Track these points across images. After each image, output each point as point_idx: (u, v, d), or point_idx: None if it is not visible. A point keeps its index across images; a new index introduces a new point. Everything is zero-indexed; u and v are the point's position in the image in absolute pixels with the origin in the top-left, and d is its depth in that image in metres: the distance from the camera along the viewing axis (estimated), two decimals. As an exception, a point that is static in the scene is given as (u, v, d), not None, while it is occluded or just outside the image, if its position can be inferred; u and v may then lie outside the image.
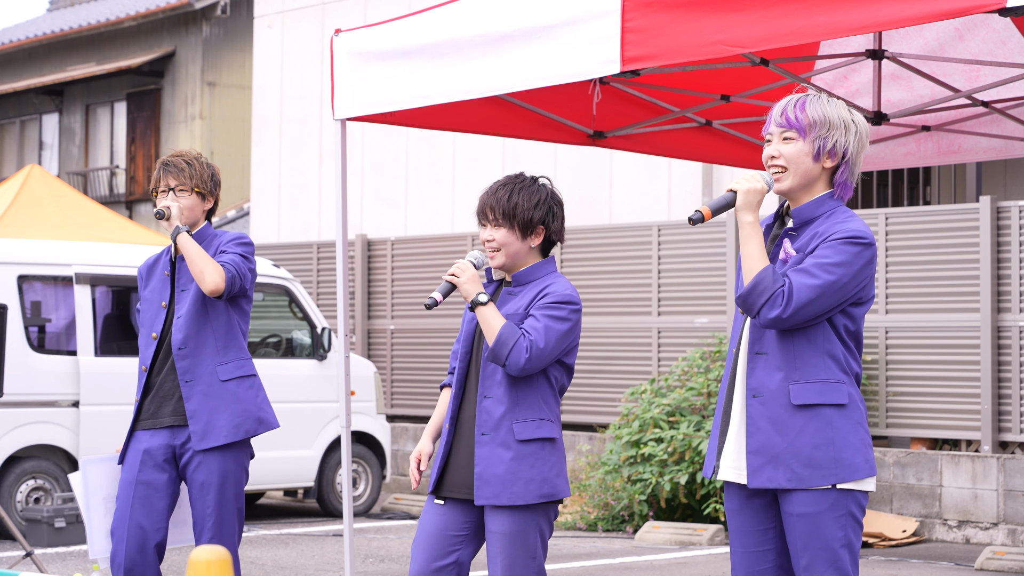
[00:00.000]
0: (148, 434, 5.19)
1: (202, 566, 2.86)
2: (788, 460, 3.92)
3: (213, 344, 5.15)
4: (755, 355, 3.99)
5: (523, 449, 4.43)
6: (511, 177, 4.58)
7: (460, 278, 4.46)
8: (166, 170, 5.29)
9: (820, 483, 3.90)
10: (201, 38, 22.00)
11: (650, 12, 4.63)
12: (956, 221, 10.33)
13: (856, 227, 3.94)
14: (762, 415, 3.95)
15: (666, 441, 10.36)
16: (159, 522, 5.13)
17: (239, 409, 5.14)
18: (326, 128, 15.58)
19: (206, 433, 5.10)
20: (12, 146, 25.37)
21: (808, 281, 3.88)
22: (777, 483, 3.93)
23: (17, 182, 13.12)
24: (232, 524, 5.18)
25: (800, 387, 3.92)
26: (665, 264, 11.72)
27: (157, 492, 5.13)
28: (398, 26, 5.54)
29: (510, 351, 4.36)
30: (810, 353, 3.94)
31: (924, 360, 10.40)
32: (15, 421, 9.80)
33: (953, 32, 6.69)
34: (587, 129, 6.91)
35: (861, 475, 3.93)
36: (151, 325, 5.24)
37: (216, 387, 5.13)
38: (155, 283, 5.30)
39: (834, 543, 3.93)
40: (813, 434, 3.91)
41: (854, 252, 3.91)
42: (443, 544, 4.50)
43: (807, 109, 4.02)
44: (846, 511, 3.94)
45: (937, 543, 10.07)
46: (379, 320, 13.69)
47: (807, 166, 4.01)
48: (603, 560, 9.31)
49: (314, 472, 11.22)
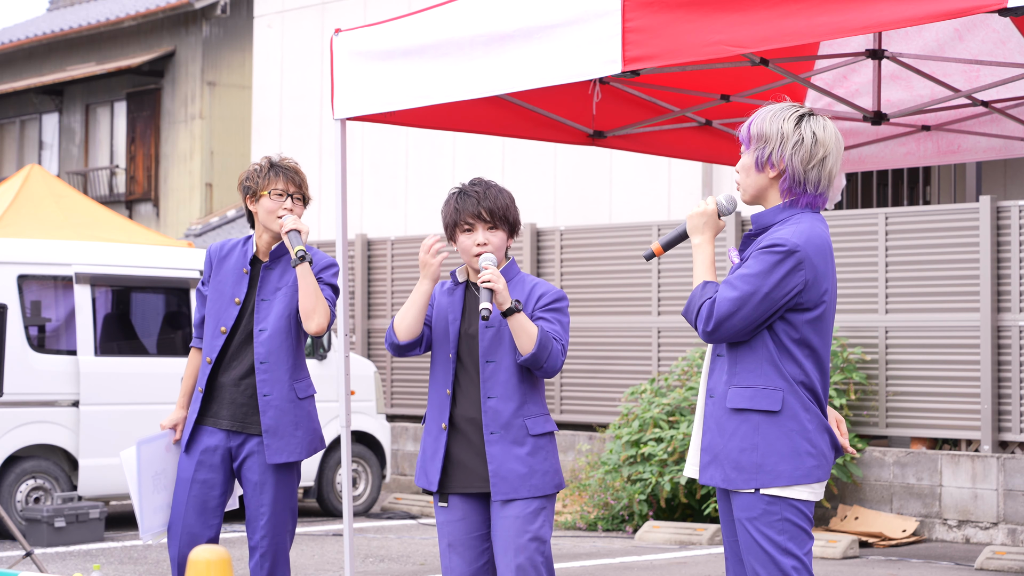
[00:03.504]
0: (209, 431, 5.23)
1: (202, 566, 2.87)
2: (722, 461, 4.03)
3: (291, 362, 5.20)
4: (716, 357, 4.11)
5: (537, 443, 4.57)
6: (479, 182, 4.66)
7: (499, 285, 4.49)
8: (285, 175, 5.23)
9: (743, 486, 3.99)
10: (201, 38, 21.99)
11: (650, 12, 4.63)
12: (956, 221, 10.33)
13: (782, 235, 3.97)
14: (711, 415, 4.07)
15: (666, 441, 10.36)
16: (211, 519, 5.23)
17: (311, 428, 5.23)
18: (326, 128, 15.58)
19: (282, 448, 5.16)
20: (12, 146, 25.36)
21: (728, 294, 3.97)
22: (716, 481, 4.04)
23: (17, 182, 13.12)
24: (285, 524, 5.24)
25: (735, 391, 4.01)
26: (665, 264, 11.72)
27: (211, 491, 5.22)
28: (398, 25, 5.54)
29: (549, 355, 4.49)
30: (749, 359, 4.01)
31: (924, 360, 10.40)
32: (15, 421, 9.80)
33: (953, 32, 6.69)
34: (587, 129, 6.91)
35: (783, 482, 3.95)
36: (219, 317, 5.23)
37: (293, 404, 5.19)
38: (228, 274, 5.27)
39: (770, 548, 3.97)
40: (741, 438, 3.99)
41: (773, 261, 3.94)
42: (474, 546, 4.63)
43: (753, 123, 4.11)
44: (781, 517, 3.97)
45: (937, 543, 10.07)
46: (379, 320, 13.69)
47: (753, 177, 4.10)
48: (603, 560, 9.31)
49: (314, 472, 11.22)
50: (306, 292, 5.11)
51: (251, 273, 5.26)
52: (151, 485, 5.31)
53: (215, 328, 5.24)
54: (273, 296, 5.21)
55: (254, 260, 5.27)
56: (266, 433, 5.15)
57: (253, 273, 5.26)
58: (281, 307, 5.19)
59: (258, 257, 5.27)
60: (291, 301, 5.19)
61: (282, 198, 5.20)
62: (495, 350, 4.54)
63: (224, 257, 5.32)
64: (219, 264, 5.31)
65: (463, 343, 4.61)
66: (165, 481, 5.33)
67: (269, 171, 5.24)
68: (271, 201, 5.20)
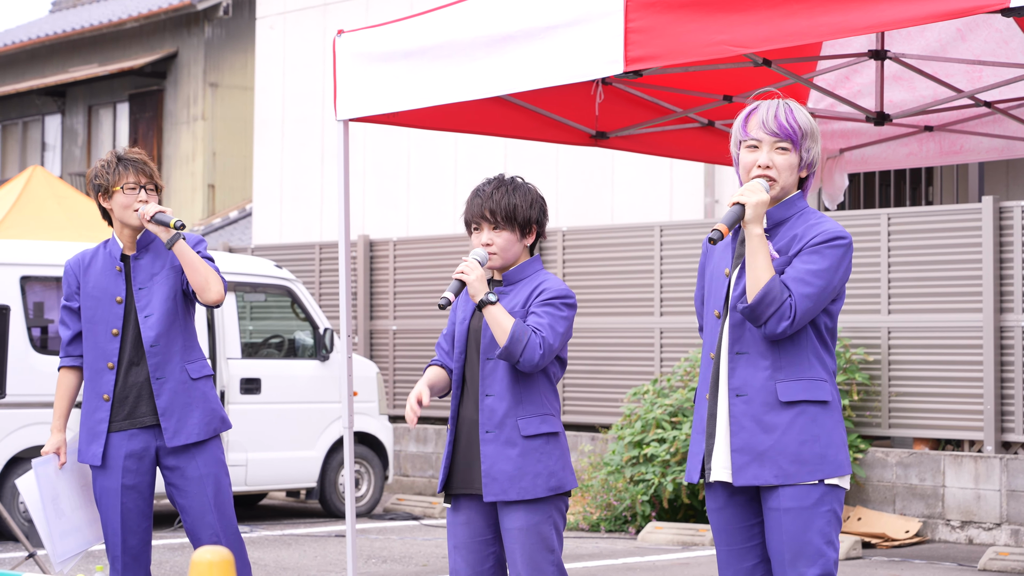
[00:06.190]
0: (125, 436, 5.19)
1: (204, 567, 2.87)
2: (774, 457, 3.97)
3: (181, 343, 5.20)
4: (736, 355, 4.04)
5: (528, 444, 4.48)
6: (499, 179, 4.61)
7: (469, 276, 4.47)
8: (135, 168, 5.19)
9: (807, 478, 3.95)
10: (203, 39, 22.01)
11: (653, 12, 4.63)
12: (958, 221, 10.32)
13: (834, 228, 4.02)
14: (745, 414, 4.00)
15: (668, 442, 10.36)
16: (145, 522, 5.23)
17: (209, 408, 5.21)
18: (328, 129, 15.58)
19: (179, 430, 5.15)
20: (15, 147, 25.37)
21: (805, 291, 3.95)
22: (763, 480, 3.98)
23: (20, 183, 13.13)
24: (232, 515, 5.25)
25: (785, 385, 3.98)
26: (667, 264, 11.71)
27: (142, 495, 5.20)
28: (400, 27, 5.54)
29: (524, 348, 4.40)
30: (793, 351, 4.00)
31: (927, 360, 10.39)
32: (17, 422, 9.79)
33: (955, 32, 6.69)
34: (589, 129, 6.91)
35: (844, 471, 4.00)
36: (106, 321, 5.20)
37: (187, 384, 5.18)
38: (100, 279, 5.24)
39: (819, 539, 3.97)
40: (800, 430, 3.97)
41: (839, 255, 3.99)
42: (479, 550, 4.57)
43: (798, 118, 4.07)
44: (830, 508, 3.99)
45: (940, 543, 10.06)
46: (381, 321, 13.69)
47: (793, 176, 4.09)
48: (606, 561, 9.31)
49: (316, 473, 11.21)
50: (193, 267, 5.10)
51: (124, 268, 5.23)
52: (53, 510, 5.29)
53: (105, 333, 5.21)
54: (150, 283, 5.20)
55: (123, 257, 5.25)
56: (162, 416, 5.14)
57: (125, 268, 5.23)
58: (163, 291, 5.18)
59: (125, 252, 5.25)
60: (172, 283, 5.19)
61: (136, 191, 5.19)
62: (495, 347, 4.52)
63: (88, 266, 5.29)
64: (84, 274, 5.27)
65: (471, 341, 4.59)
66: (63, 506, 5.32)
67: (118, 166, 5.21)
68: (125, 196, 5.19)
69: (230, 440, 10.56)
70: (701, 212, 12.79)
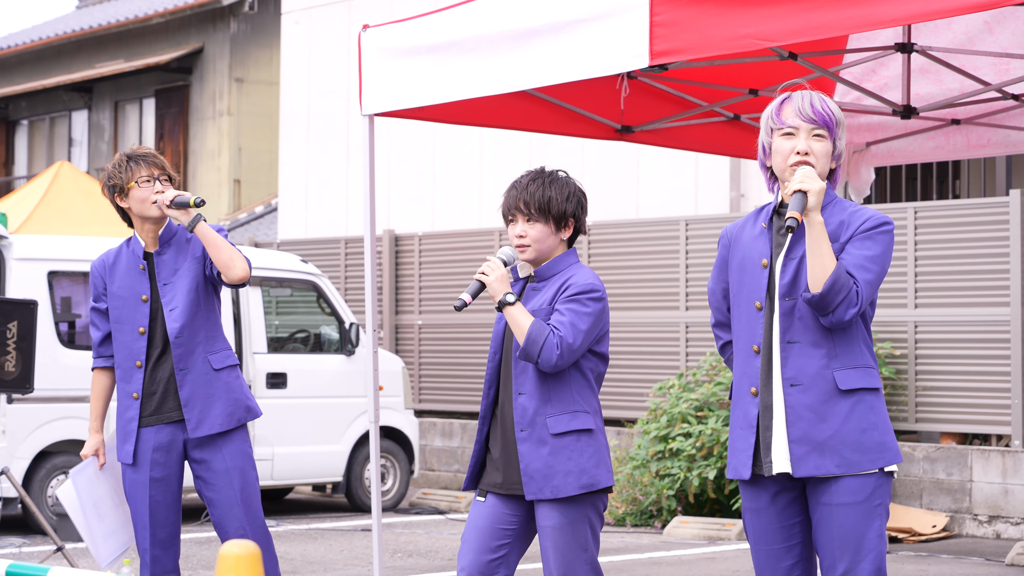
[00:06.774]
0: (153, 431, 5.24)
1: (231, 560, 2.87)
2: (836, 446, 3.93)
3: (204, 333, 5.23)
4: (787, 344, 3.98)
5: (558, 443, 4.43)
6: (537, 172, 4.58)
7: (489, 277, 4.46)
8: (146, 162, 5.22)
9: (868, 467, 3.93)
10: (229, 34, 22.05)
11: (678, 6, 4.62)
12: (986, 215, 10.27)
13: (877, 214, 4.02)
14: (802, 403, 3.95)
15: (694, 436, 10.35)
16: (174, 515, 5.26)
17: (232, 399, 5.23)
18: (353, 124, 15.60)
19: (201, 421, 5.18)
20: (42, 143, 25.48)
21: (867, 276, 3.94)
22: (825, 470, 3.93)
23: (47, 178, 13.19)
24: (259, 509, 5.27)
25: (843, 373, 3.95)
26: (693, 258, 11.69)
27: (170, 488, 5.24)
28: (425, 22, 5.54)
29: (541, 349, 4.36)
30: (845, 339, 3.98)
31: (954, 354, 10.35)
32: (45, 416, 9.84)
33: (982, 25, 6.65)
34: (615, 124, 6.90)
35: (900, 458, 4.01)
36: (134, 320, 5.24)
37: (208, 375, 5.21)
38: (125, 278, 5.28)
39: (872, 533, 3.95)
40: (859, 419, 3.95)
41: (888, 240, 3.99)
42: (492, 537, 4.51)
43: (831, 107, 4.07)
44: (881, 502, 3.97)
45: (967, 538, 10.03)
46: (407, 315, 13.71)
47: (828, 167, 4.08)
48: (631, 555, 9.30)
49: (342, 467, 11.24)
50: (216, 246, 5.12)
51: (147, 267, 5.26)
52: (95, 514, 5.34)
53: (132, 332, 5.24)
54: (174, 278, 5.23)
55: (145, 254, 5.28)
56: (184, 407, 5.17)
57: (148, 266, 5.26)
58: (186, 284, 5.21)
59: (147, 250, 5.28)
60: (195, 273, 5.22)
61: (151, 183, 5.22)
62: None
63: (112, 265, 5.32)
64: (110, 275, 5.31)
65: (506, 339, 4.56)
66: (104, 508, 5.37)
67: (129, 163, 5.25)
68: (141, 189, 5.22)
69: (256, 434, 10.59)
70: (727, 206, 12.76)
